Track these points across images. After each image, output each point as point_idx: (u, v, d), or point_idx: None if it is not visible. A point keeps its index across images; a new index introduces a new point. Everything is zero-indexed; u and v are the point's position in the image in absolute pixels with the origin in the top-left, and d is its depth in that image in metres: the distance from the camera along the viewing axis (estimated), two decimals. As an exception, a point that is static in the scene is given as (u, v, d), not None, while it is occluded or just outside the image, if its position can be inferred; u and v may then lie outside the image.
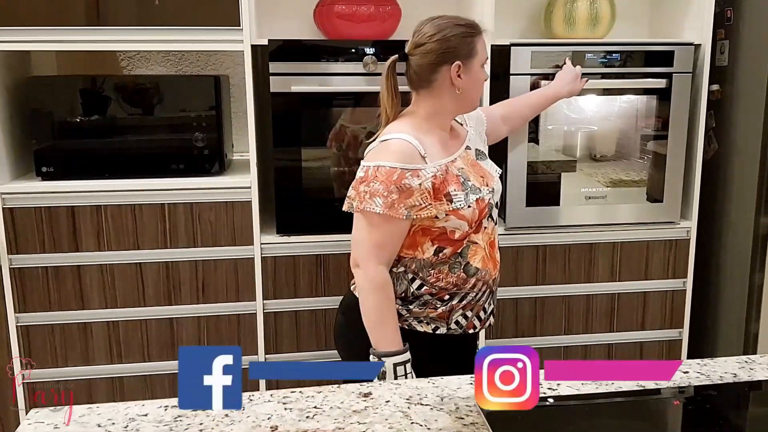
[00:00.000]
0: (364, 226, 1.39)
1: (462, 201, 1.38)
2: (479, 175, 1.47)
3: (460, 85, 1.40)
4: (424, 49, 1.39)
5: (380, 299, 1.39)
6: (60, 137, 2.01)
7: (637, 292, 2.22)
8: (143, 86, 2.07)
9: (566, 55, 2.05)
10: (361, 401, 1.12)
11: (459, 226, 1.39)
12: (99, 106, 2.03)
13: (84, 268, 1.99)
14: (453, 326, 1.46)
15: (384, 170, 1.35)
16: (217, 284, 2.04)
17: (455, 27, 1.39)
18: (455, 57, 1.38)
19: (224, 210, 2.01)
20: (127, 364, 2.05)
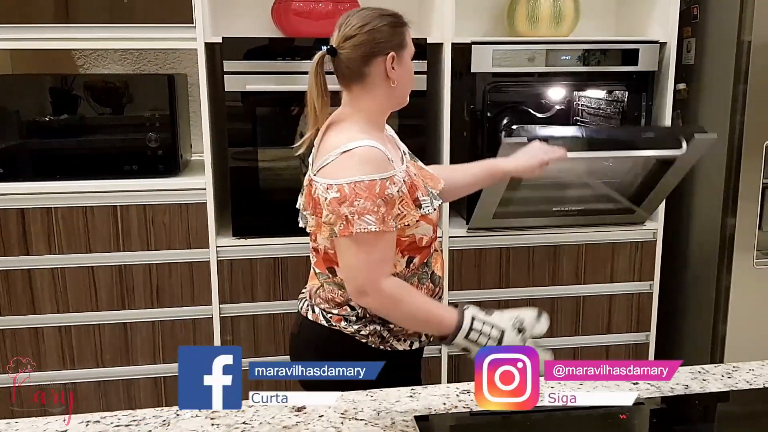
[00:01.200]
0: (358, 249, 1.23)
1: (429, 206, 1.32)
2: (428, 178, 1.40)
3: (395, 77, 1.31)
4: (354, 41, 1.29)
5: (409, 304, 1.28)
6: (8, 138, 1.95)
7: (603, 294, 2.20)
8: (96, 85, 2.02)
9: (528, 53, 2.01)
10: (293, 416, 1.08)
11: (426, 231, 1.33)
12: (50, 105, 1.98)
13: (35, 271, 1.94)
14: (423, 338, 1.41)
15: (363, 185, 1.22)
16: (172, 288, 2.00)
17: (382, 17, 1.31)
18: (388, 48, 1.30)
19: (179, 212, 1.97)
20: (80, 370, 2.00)
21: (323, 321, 1.36)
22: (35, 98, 1.98)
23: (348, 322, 1.34)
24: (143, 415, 1.08)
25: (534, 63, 2.03)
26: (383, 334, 1.35)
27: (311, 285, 1.41)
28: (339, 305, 1.36)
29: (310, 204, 1.31)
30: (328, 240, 1.30)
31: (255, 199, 2.01)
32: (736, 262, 2.15)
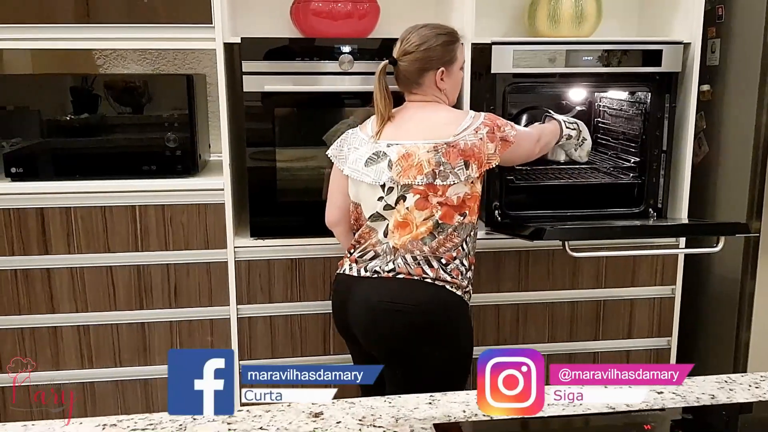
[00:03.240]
0: (522, 140, 1.66)
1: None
2: None
3: (443, 87, 1.64)
4: (411, 58, 1.59)
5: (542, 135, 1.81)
6: (30, 138, 1.96)
7: (624, 299, 2.16)
8: (116, 85, 2.02)
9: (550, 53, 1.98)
10: (310, 422, 1.07)
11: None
12: (70, 105, 1.98)
13: (54, 271, 1.95)
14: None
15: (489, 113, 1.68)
16: (190, 288, 2.00)
17: (438, 36, 1.59)
18: (439, 64, 1.60)
19: (197, 212, 1.97)
20: (97, 369, 2.01)
21: (448, 277, 1.57)
22: (55, 98, 1.99)
23: (462, 275, 1.59)
24: (160, 419, 1.07)
25: (555, 63, 2.00)
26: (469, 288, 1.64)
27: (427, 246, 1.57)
28: (456, 252, 1.58)
29: (449, 159, 1.54)
30: (468, 185, 1.57)
31: (273, 200, 2.00)
32: (760, 267, 2.10)
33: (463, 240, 1.58)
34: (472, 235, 1.61)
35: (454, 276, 1.56)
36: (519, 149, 1.64)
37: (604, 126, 2.39)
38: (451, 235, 1.56)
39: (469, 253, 1.61)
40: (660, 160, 2.10)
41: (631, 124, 2.20)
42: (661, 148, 2.10)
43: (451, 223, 1.56)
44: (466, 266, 1.59)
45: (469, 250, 1.60)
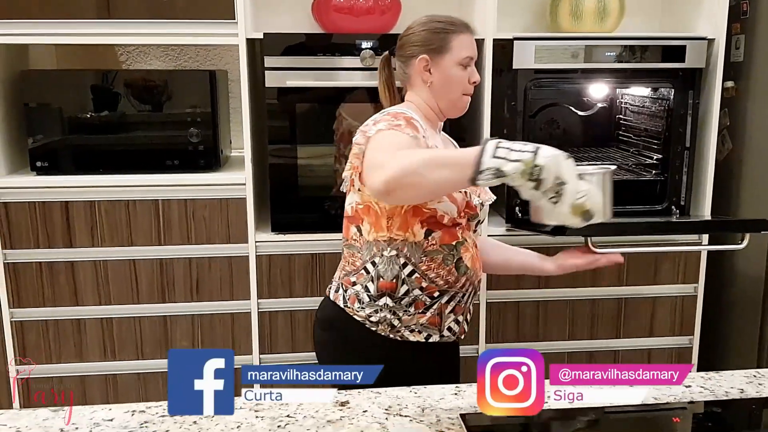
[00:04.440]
0: (374, 146, 1.25)
1: None
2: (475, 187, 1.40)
3: (429, 80, 1.40)
4: (400, 44, 1.44)
5: (423, 151, 1.24)
6: (55, 132, 1.99)
7: (646, 297, 2.14)
8: (139, 81, 2.04)
9: (572, 49, 1.97)
10: (337, 410, 1.07)
11: (449, 210, 1.34)
12: (95, 100, 2.01)
13: (78, 263, 1.97)
14: (446, 333, 1.40)
15: (390, 114, 1.34)
16: (212, 282, 2.01)
17: (430, 23, 1.41)
18: (423, 51, 1.40)
19: (219, 207, 1.98)
20: (120, 362, 2.03)
21: (341, 301, 1.40)
22: (79, 93, 2.01)
23: (360, 304, 1.37)
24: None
25: (577, 59, 1.99)
26: (393, 322, 1.36)
27: (339, 267, 1.46)
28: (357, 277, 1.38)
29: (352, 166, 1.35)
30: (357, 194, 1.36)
31: (294, 195, 2.01)
32: (785, 266, 2.08)
33: (366, 261, 1.36)
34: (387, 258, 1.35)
35: (349, 304, 1.37)
36: (368, 156, 1.26)
37: (626, 123, 2.37)
38: (351, 254, 1.40)
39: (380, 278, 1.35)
40: (683, 157, 2.08)
41: (654, 120, 2.19)
42: (684, 145, 2.08)
43: (348, 238, 1.40)
44: (371, 294, 1.36)
45: (379, 274, 1.35)
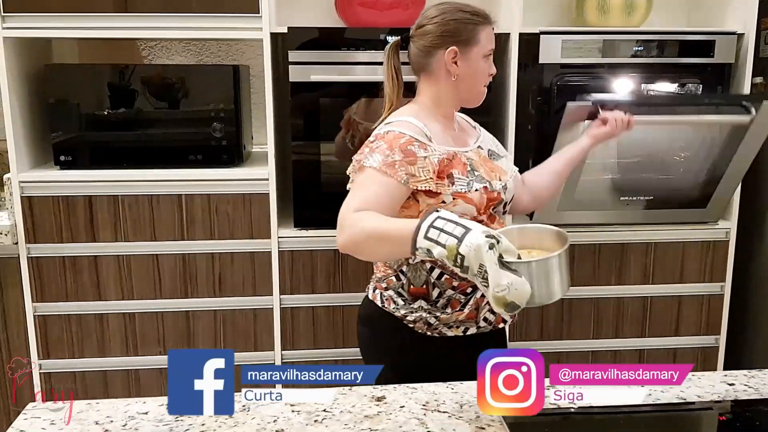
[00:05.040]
0: (355, 186, 1.26)
1: (464, 185, 1.29)
2: (491, 170, 1.38)
3: (456, 73, 1.33)
4: (422, 31, 1.34)
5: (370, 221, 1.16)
6: (78, 126, 1.99)
7: (672, 295, 2.11)
8: (163, 75, 2.04)
9: (598, 44, 1.95)
10: (374, 405, 1.06)
11: (467, 211, 1.30)
12: (118, 95, 2.00)
13: (101, 258, 1.97)
14: (482, 324, 1.39)
15: (393, 134, 1.28)
16: (234, 278, 2.00)
17: (458, 12, 1.33)
18: (452, 42, 1.32)
19: (242, 202, 1.97)
20: (142, 357, 2.02)
21: (379, 301, 1.39)
22: (103, 87, 2.01)
23: (396, 305, 1.36)
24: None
25: (604, 54, 1.97)
26: (430, 321, 1.35)
27: (374, 267, 1.44)
28: (387, 283, 1.37)
29: None
30: None
31: (316, 191, 2.00)
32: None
33: (395, 270, 1.35)
34: (413, 265, 1.33)
35: (386, 305, 1.37)
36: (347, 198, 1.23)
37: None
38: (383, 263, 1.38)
39: (411, 284, 1.34)
40: (711, 154, 2.05)
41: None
42: (712, 142, 2.05)
43: None
44: (405, 298, 1.35)
45: (409, 281, 1.34)
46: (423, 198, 1.29)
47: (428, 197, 1.28)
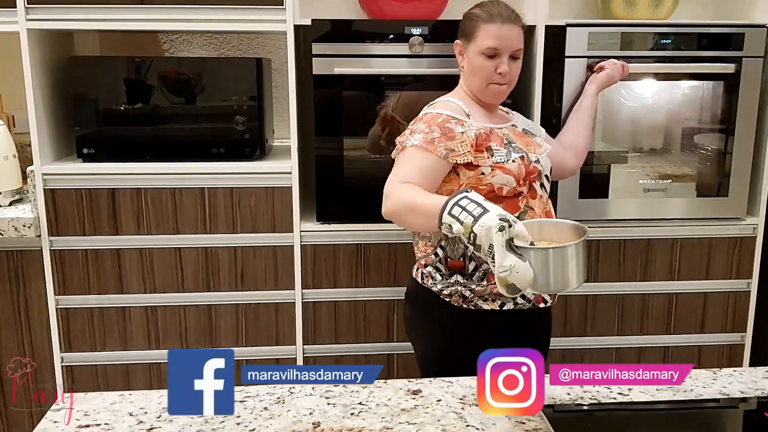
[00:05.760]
0: (399, 162, 1.40)
1: (503, 155, 1.39)
2: (526, 144, 1.49)
3: (461, 65, 1.48)
4: None
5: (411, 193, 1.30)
6: (101, 119, 1.98)
7: (697, 292, 2.09)
8: (186, 68, 2.03)
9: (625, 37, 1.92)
10: (410, 399, 1.05)
11: (506, 181, 1.38)
12: (141, 88, 2.00)
13: (123, 251, 1.97)
14: (520, 300, 1.42)
15: (430, 115, 1.42)
16: (256, 271, 1.99)
17: (475, 7, 1.46)
18: (460, 36, 1.48)
19: (264, 196, 1.96)
20: (164, 350, 2.01)
21: (419, 279, 1.48)
22: (127, 80, 2.00)
23: (433, 280, 1.44)
24: (257, 392, 1.06)
25: (631, 47, 1.94)
26: (465, 293, 1.41)
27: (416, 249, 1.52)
28: (426, 260, 1.45)
29: None
30: None
31: (339, 185, 1.98)
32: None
33: (435, 246, 1.44)
34: (452, 239, 1.40)
35: (426, 281, 1.45)
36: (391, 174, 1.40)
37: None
38: (424, 243, 1.46)
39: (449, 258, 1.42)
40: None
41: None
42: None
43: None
44: (443, 273, 1.42)
45: (447, 255, 1.42)
46: (463, 171, 1.38)
47: (468, 170, 1.38)
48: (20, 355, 2.02)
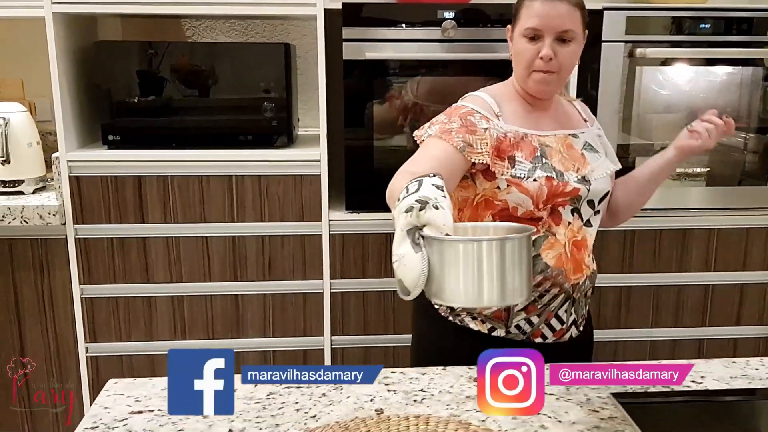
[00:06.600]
0: (415, 154, 1.20)
1: (525, 170, 1.20)
2: (571, 159, 1.26)
3: (510, 51, 1.29)
4: None
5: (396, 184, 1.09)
6: (126, 106, 1.95)
7: (734, 283, 2.04)
8: (213, 54, 1.99)
9: (665, 21, 1.87)
10: (473, 386, 1.01)
11: (521, 201, 1.21)
12: (167, 74, 1.96)
13: (149, 240, 1.93)
14: (513, 330, 1.27)
15: (454, 107, 1.28)
16: (284, 261, 1.96)
17: None
18: (512, 20, 1.29)
19: (293, 184, 1.93)
20: (190, 341, 1.99)
21: None
22: (153, 66, 1.96)
23: None
24: (315, 377, 1.03)
25: (670, 31, 1.89)
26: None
27: None
28: None
29: None
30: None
31: (369, 173, 1.94)
32: None
33: None
34: None
35: None
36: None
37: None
38: None
39: None
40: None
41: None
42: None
43: None
44: None
45: None
46: (480, 180, 1.23)
47: (485, 179, 1.22)
48: (44, 345, 2.00)
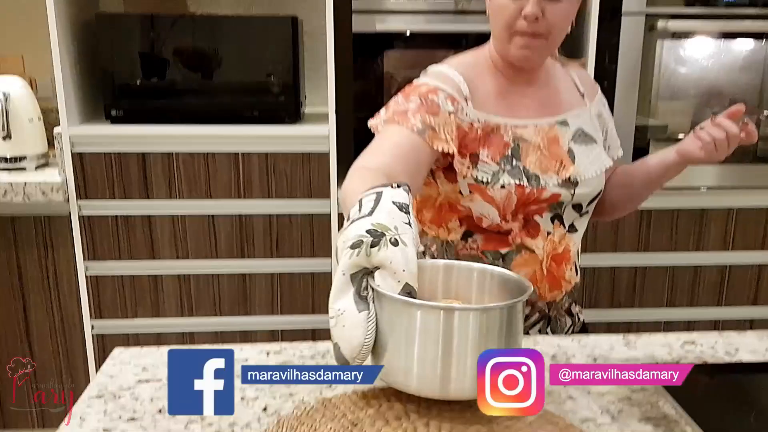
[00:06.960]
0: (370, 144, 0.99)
1: (487, 174, 0.99)
2: (553, 158, 1.02)
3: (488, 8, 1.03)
4: None
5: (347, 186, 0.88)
6: (129, 80, 1.90)
7: (752, 264, 2.00)
8: (217, 27, 1.93)
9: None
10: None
11: (487, 212, 1.01)
12: (171, 46, 1.90)
13: (155, 217, 1.90)
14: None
15: (412, 86, 1.03)
16: (292, 239, 1.92)
17: None
18: None
19: (300, 161, 1.88)
20: (197, 319, 1.96)
21: None
22: (157, 39, 1.91)
23: None
24: (327, 349, 1.00)
25: (693, 4, 1.82)
26: None
27: None
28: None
29: None
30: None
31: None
32: None
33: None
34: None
35: None
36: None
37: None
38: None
39: None
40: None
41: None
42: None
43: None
44: None
45: None
46: (441, 179, 1.02)
47: (447, 179, 1.02)
48: (50, 323, 1.98)
